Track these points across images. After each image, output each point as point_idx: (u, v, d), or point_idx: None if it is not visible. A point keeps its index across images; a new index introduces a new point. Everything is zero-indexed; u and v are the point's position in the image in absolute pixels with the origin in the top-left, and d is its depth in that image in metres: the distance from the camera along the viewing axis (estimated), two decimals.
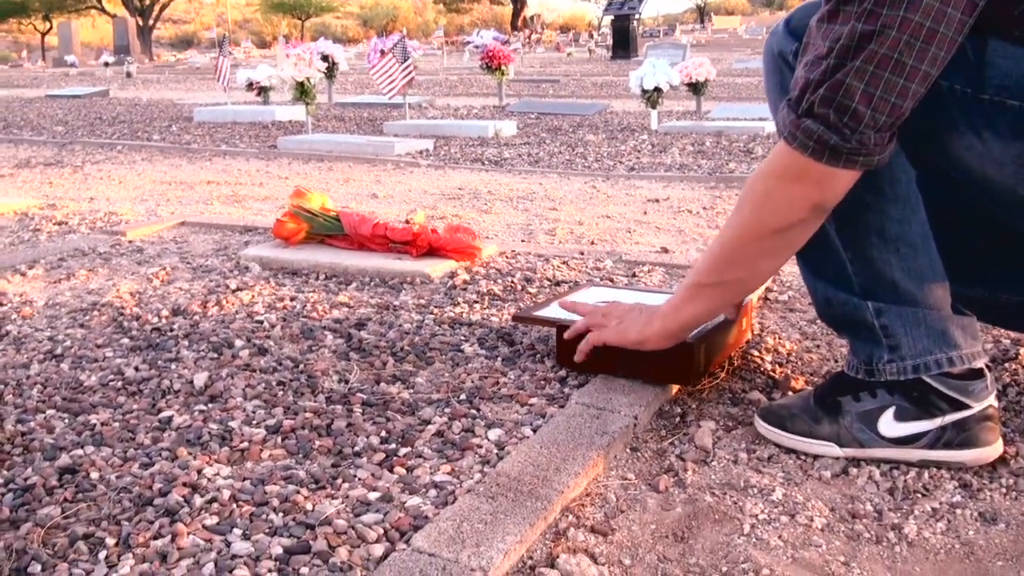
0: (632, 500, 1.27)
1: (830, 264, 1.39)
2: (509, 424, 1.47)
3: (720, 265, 1.41)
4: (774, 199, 1.30)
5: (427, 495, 1.24)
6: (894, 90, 1.16)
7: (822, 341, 1.93)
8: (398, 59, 6.84)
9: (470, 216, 3.59)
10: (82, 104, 11.14)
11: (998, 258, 1.46)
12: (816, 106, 1.20)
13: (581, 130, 7.21)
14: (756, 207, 1.33)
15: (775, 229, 1.32)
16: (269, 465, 1.34)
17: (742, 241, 1.36)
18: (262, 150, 6.10)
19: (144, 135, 7.10)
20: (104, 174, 4.90)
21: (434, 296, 2.24)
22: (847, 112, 1.18)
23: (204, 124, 8.10)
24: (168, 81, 17.87)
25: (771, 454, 1.41)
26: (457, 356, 1.80)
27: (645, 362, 1.58)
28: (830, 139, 1.20)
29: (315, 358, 1.78)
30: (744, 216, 1.34)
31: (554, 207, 3.84)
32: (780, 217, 1.31)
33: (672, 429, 1.51)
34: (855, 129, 1.19)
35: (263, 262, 2.54)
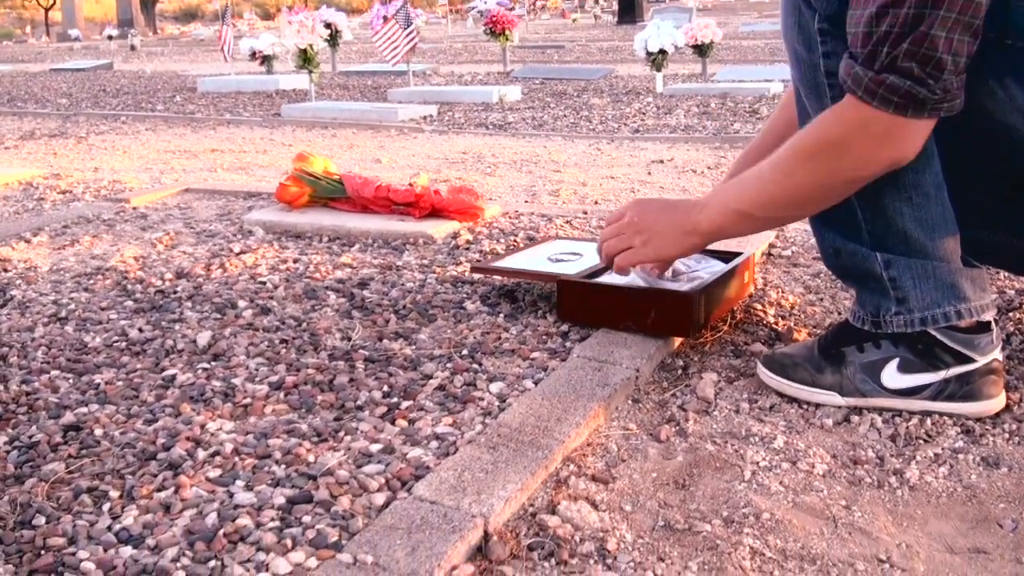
0: (633, 449, 1.28)
1: (841, 213, 1.36)
2: (511, 377, 1.48)
3: (778, 207, 1.36)
4: (853, 156, 1.26)
5: (428, 446, 1.25)
6: (969, 30, 1.14)
7: (825, 295, 1.92)
8: (401, 25, 6.79)
9: (474, 179, 3.58)
10: (86, 77, 11.11)
11: (1013, 204, 1.44)
12: (900, 60, 1.16)
13: (586, 94, 7.17)
14: (831, 161, 1.28)
15: (846, 180, 1.29)
16: (272, 420, 1.34)
17: (808, 191, 1.32)
18: (266, 118, 6.08)
19: (148, 106, 7.09)
20: (108, 144, 4.90)
21: (437, 256, 2.23)
22: (931, 62, 1.15)
23: (208, 94, 8.08)
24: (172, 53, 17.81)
25: (773, 404, 1.41)
26: (459, 313, 1.80)
27: (645, 314, 1.58)
28: (918, 93, 1.17)
29: (318, 317, 1.78)
30: (814, 168, 1.30)
31: (558, 169, 3.82)
32: (856, 172, 1.28)
33: (674, 381, 1.51)
34: (939, 78, 1.17)
35: (266, 226, 2.54)
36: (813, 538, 1.06)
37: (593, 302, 1.64)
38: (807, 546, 1.04)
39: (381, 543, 0.99)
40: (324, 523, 1.06)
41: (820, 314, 1.80)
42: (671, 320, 1.57)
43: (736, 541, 1.05)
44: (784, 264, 2.16)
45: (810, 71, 1.32)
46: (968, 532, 1.08)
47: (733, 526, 1.08)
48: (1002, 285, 1.89)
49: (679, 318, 1.57)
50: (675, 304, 1.56)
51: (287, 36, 6.97)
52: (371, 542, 1.00)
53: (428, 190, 2.57)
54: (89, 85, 9.56)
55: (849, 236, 1.37)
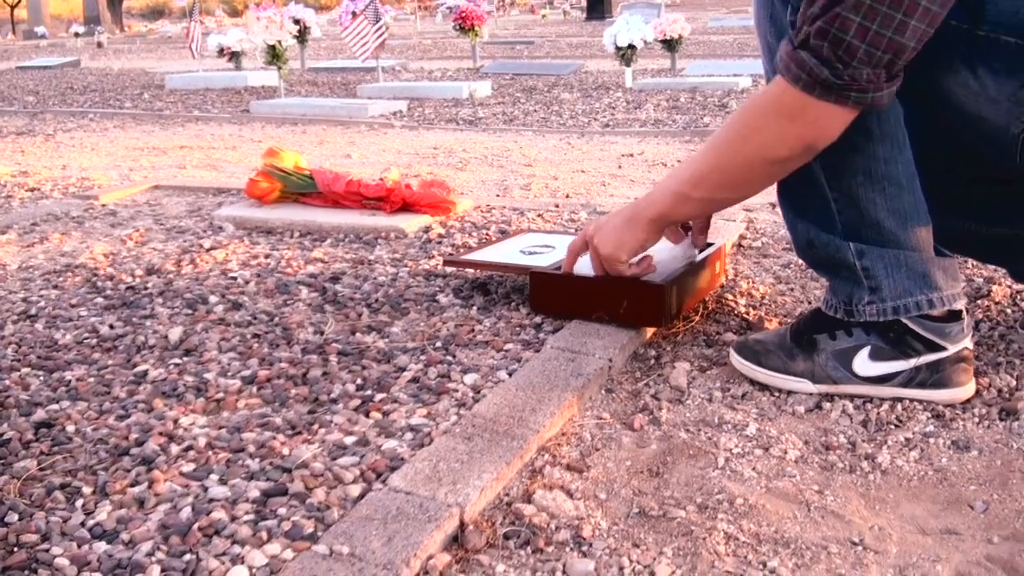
0: (607, 438, 1.28)
1: (814, 203, 1.37)
2: (485, 369, 1.48)
3: (710, 187, 1.37)
4: (767, 131, 1.27)
5: (403, 438, 1.25)
6: (891, 24, 1.13)
7: (796, 284, 1.94)
8: (370, 20, 6.77)
9: (445, 174, 3.58)
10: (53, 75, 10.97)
11: (982, 193, 1.45)
12: (811, 38, 1.17)
13: (556, 89, 7.17)
14: (748, 136, 1.30)
15: (765, 160, 1.30)
16: (245, 414, 1.33)
17: (733, 166, 1.33)
18: (235, 115, 6.03)
19: (116, 103, 7.01)
20: (76, 142, 4.84)
21: (409, 250, 2.23)
22: (841, 45, 1.16)
23: (176, 91, 8.00)
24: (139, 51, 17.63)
25: (745, 392, 1.42)
26: (432, 306, 1.79)
27: (618, 304, 1.58)
28: (821, 72, 1.18)
29: (290, 311, 1.77)
30: (735, 143, 1.31)
31: (529, 163, 3.82)
32: (770, 150, 1.29)
33: (647, 371, 1.52)
34: (847, 63, 1.17)
35: (237, 222, 2.52)
36: (787, 522, 1.07)
37: (565, 293, 1.64)
38: (781, 530, 1.05)
39: (357, 534, 0.99)
40: (299, 515, 1.05)
41: (791, 304, 1.81)
42: (643, 310, 1.58)
43: (710, 526, 1.06)
44: (754, 255, 2.18)
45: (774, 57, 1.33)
46: (940, 514, 1.09)
47: (707, 512, 1.09)
48: (970, 273, 1.92)
49: (651, 308, 1.57)
50: (647, 294, 1.57)
51: (255, 32, 6.92)
52: (347, 533, 0.99)
53: (399, 185, 2.57)
54: (56, 83, 9.44)
55: (823, 226, 1.38)
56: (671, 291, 1.58)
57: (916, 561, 1.00)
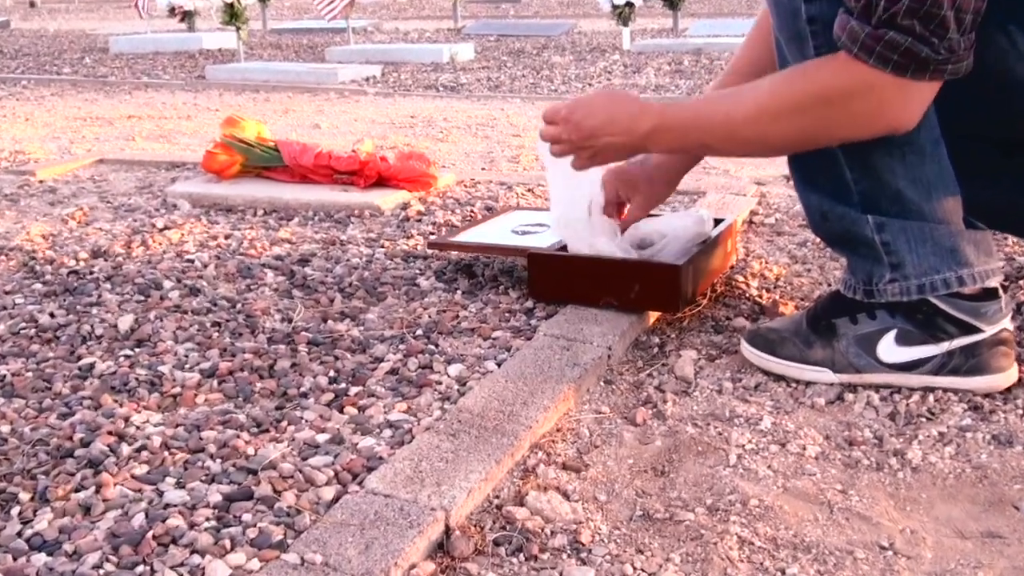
0: (607, 434, 1.28)
1: (828, 172, 1.37)
2: (471, 359, 1.47)
3: (747, 147, 1.37)
4: (847, 118, 1.27)
5: (381, 435, 1.24)
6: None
7: (813, 264, 1.94)
8: None
9: (424, 145, 3.57)
10: None
11: (1016, 161, 1.45)
12: (900, 16, 1.17)
13: (546, 52, 7.16)
14: (823, 120, 1.28)
15: (834, 139, 1.30)
16: (205, 410, 1.33)
17: (789, 142, 1.34)
18: (189, 81, 6.00)
19: (53, 69, 6.96)
20: (8, 111, 4.80)
21: (385, 229, 2.22)
22: (935, 20, 1.16)
23: (122, 55, 7.95)
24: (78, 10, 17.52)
25: (758, 382, 1.42)
26: (412, 290, 1.79)
27: (628, 289, 1.58)
28: (920, 51, 1.18)
29: (254, 297, 1.77)
30: (803, 123, 1.29)
31: (517, 133, 3.82)
32: (846, 133, 1.29)
33: (650, 360, 1.52)
34: (943, 36, 1.17)
35: (193, 199, 2.51)
36: (807, 525, 1.07)
37: (569, 277, 1.64)
38: (800, 534, 1.06)
39: (331, 541, 0.99)
40: (267, 521, 1.05)
41: (808, 285, 1.82)
42: (657, 294, 1.58)
43: (722, 530, 1.06)
44: (767, 232, 2.18)
45: (790, 18, 1.32)
46: (980, 516, 1.10)
47: (718, 514, 1.09)
48: (1010, 251, 1.92)
49: (665, 292, 1.57)
50: (661, 277, 1.56)
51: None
52: (320, 540, 0.99)
53: (374, 157, 2.56)
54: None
55: (837, 198, 1.38)
56: (688, 272, 1.58)
57: (955, 568, 1.00)
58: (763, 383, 1.42)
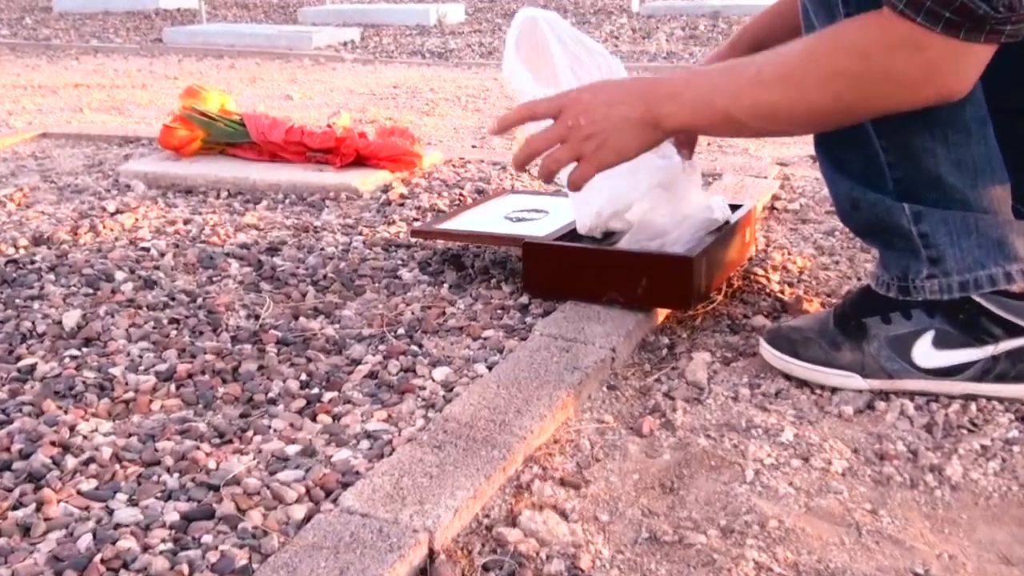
0: (610, 447, 1.28)
1: (859, 154, 1.37)
2: (458, 361, 1.48)
3: (779, 122, 1.33)
4: (889, 85, 1.23)
5: (358, 447, 1.25)
6: None
7: (841, 256, 1.94)
8: None
9: (408, 119, 3.57)
10: None
11: None
12: None
13: None
14: (860, 87, 1.24)
15: (874, 111, 1.28)
16: (161, 418, 1.33)
17: (822, 113, 1.30)
18: (144, 45, 5.99)
19: None
20: None
21: (364, 214, 2.23)
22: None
23: (67, 15, 7.94)
24: None
25: (779, 389, 1.42)
26: (393, 284, 1.79)
27: (635, 283, 1.58)
28: (977, 8, 1.14)
29: (217, 290, 1.77)
30: (838, 91, 1.26)
31: (512, 106, 3.81)
32: (888, 103, 1.26)
33: (658, 363, 1.52)
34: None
35: (149, 179, 2.51)
36: (832, 549, 1.08)
37: (568, 270, 1.64)
38: (825, 559, 1.06)
39: (301, 566, 0.99)
40: (230, 543, 1.05)
41: (835, 280, 1.82)
42: (667, 289, 1.58)
43: (737, 555, 1.06)
44: (790, 220, 2.19)
45: None
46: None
47: (733, 536, 1.10)
48: None
49: (677, 286, 1.57)
50: (672, 270, 1.56)
51: None
52: (289, 565, 0.99)
53: (351, 132, 2.56)
54: None
55: (869, 183, 1.38)
56: (700, 265, 1.58)
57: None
58: (784, 389, 1.42)
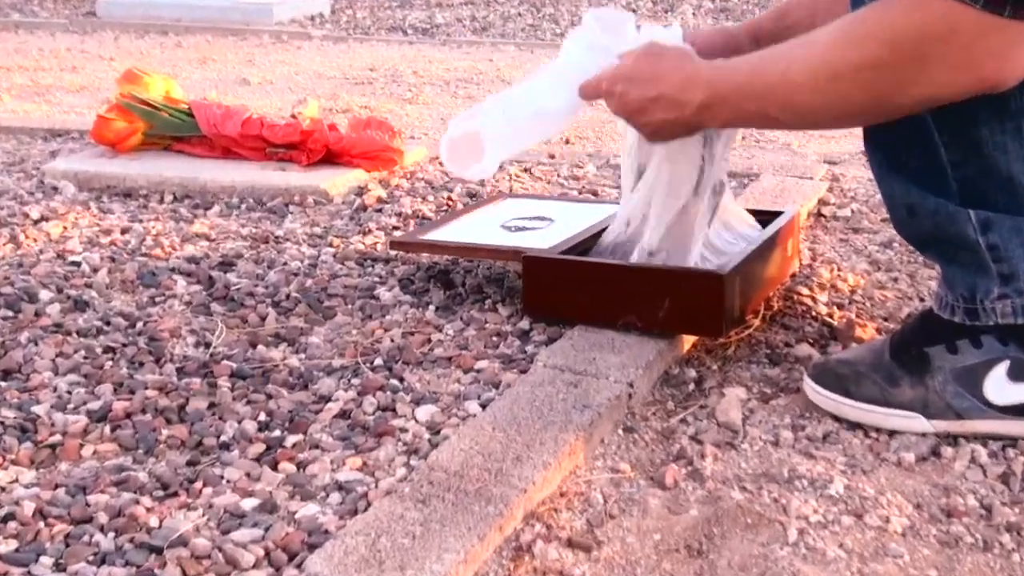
0: (627, 501, 1.28)
1: (916, 151, 1.38)
2: (446, 398, 1.48)
3: (814, 118, 1.36)
4: (927, 71, 1.24)
5: (327, 501, 1.25)
6: None
7: (901, 273, 1.95)
8: None
9: (387, 108, 3.57)
10: None
11: None
12: None
13: None
14: (895, 74, 1.26)
15: (914, 102, 1.29)
16: (93, 466, 1.33)
17: (857, 106, 1.32)
18: (74, 19, 6.00)
19: None
20: None
21: (334, 222, 2.23)
22: None
23: None
24: None
25: (827, 432, 1.42)
26: (369, 305, 1.80)
27: (656, 304, 1.57)
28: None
29: (160, 313, 1.77)
30: (870, 80, 1.27)
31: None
32: (925, 92, 1.26)
33: (683, 400, 1.52)
34: None
35: (80, 179, 2.51)
36: None
37: (577, 288, 1.64)
38: None
39: None
40: None
41: (893, 301, 1.82)
42: (694, 312, 1.57)
43: None
44: (841, 228, 2.19)
45: None
46: None
47: None
48: None
49: (706, 309, 1.57)
50: (699, 289, 1.56)
51: None
52: None
53: (320, 124, 2.56)
54: None
55: (929, 186, 1.38)
56: (733, 283, 1.58)
57: None
58: (833, 433, 1.42)
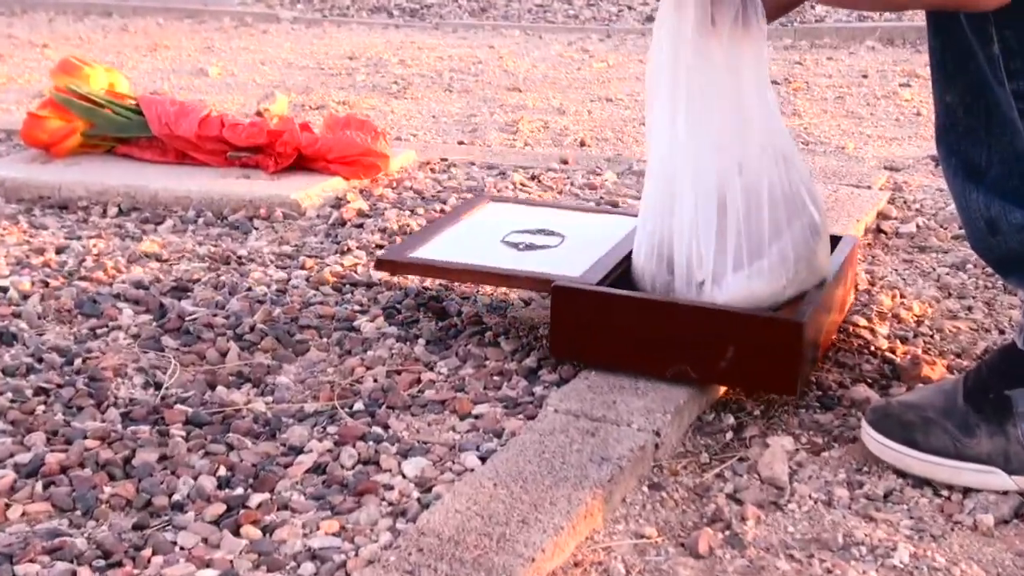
0: (654, 571, 1.28)
1: (998, 156, 1.38)
2: (439, 449, 1.48)
3: None
4: None
5: (298, 572, 1.25)
6: None
7: (976, 300, 1.95)
8: None
9: (369, 104, 3.58)
10: None
11: None
12: None
13: None
14: None
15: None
16: (22, 530, 1.33)
17: None
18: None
19: None
20: None
21: (308, 239, 2.23)
22: None
23: None
24: None
25: (889, 489, 1.42)
26: (349, 338, 1.80)
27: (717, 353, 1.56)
28: None
29: (102, 348, 1.77)
30: None
31: (515, 86, 3.83)
32: None
33: (720, 452, 1.52)
34: None
35: (7, 188, 2.52)
36: None
37: (619, 328, 1.62)
38: None
39: None
40: None
41: (967, 334, 1.82)
42: (763, 365, 1.55)
43: None
44: (904, 248, 2.18)
45: None
46: None
47: None
48: None
49: (779, 362, 1.54)
50: (773, 337, 1.54)
51: None
52: None
53: (290, 124, 2.56)
54: None
55: (1014, 196, 1.39)
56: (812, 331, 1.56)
57: None
58: (897, 490, 1.42)
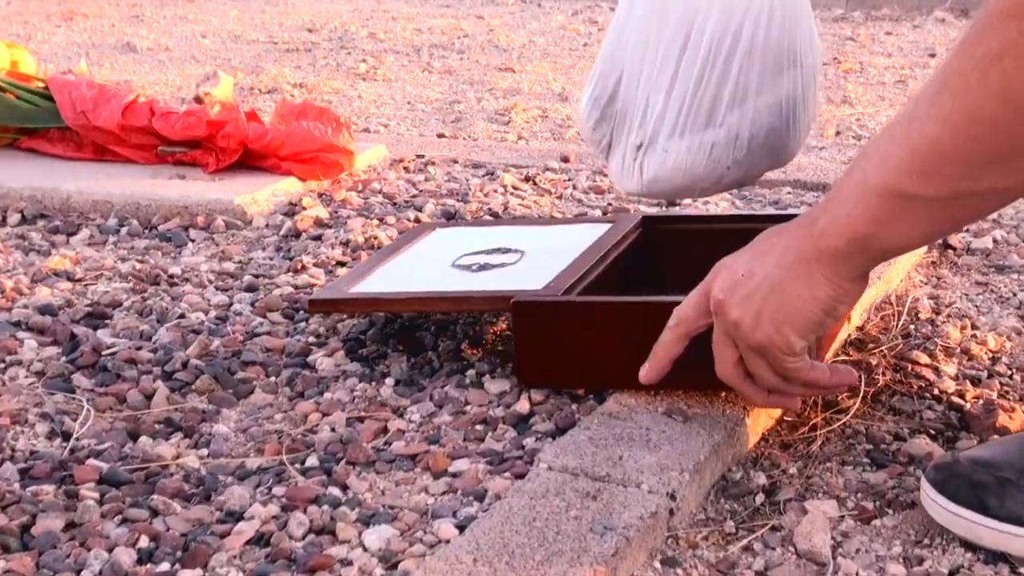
0: None
1: None
2: (409, 515, 1.47)
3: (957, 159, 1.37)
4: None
5: None
6: None
7: None
8: None
9: (331, 87, 3.59)
10: None
11: None
12: None
13: None
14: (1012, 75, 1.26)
15: None
16: None
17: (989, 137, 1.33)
18: None
19: None
20: None
21: (254, 254, 2.23)
22: None
23: None
24: None
25: (956, 566, 1.42)
26: (302, 377, 1.80)
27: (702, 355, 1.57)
28: None
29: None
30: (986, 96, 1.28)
31: (507, 64, 3.84)
32: None
33: (749, 518, 1.52)
34: None
35: None
36: None
37: (597, 341, 1.64)
38: None
39: None
40: None
41: None
42: None
43: None
44: (978, 267, 2.19)
45: None
46: None
47: None
48: None
49: None
50: None
51: None
52: None
53: (235, 112, 2.57)
54: None
55: None
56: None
57: None
58: (965, 567, 1.42)
